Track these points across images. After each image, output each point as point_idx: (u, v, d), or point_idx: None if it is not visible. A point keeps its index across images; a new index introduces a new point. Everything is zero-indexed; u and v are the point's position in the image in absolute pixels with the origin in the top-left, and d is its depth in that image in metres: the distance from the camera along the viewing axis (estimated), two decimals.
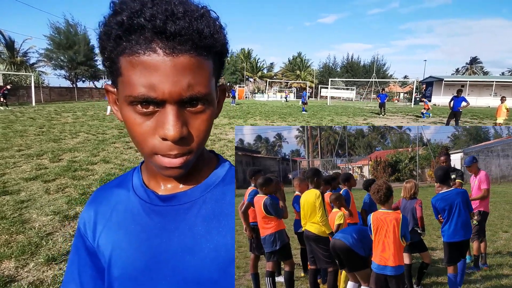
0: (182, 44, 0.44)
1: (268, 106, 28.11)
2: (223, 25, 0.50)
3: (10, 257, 2.96)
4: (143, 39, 0.43)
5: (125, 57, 0.45)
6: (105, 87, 0.56)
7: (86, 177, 5.56)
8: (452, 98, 12.70)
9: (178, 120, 0.46)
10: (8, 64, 33.44)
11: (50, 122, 13.34)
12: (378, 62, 52.87)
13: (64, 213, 3.94)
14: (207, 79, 0.48)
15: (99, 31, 0.48)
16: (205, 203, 0.58)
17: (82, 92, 34.95)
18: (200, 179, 0.60)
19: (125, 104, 0.48)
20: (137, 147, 0.51)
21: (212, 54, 0.48)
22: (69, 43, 33.26)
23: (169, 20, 0.43)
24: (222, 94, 0.60)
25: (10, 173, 5.63)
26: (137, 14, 0.43)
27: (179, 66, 0.44)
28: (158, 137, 0.48)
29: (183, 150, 0.49)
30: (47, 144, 8.43)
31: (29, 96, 25.29)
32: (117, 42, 0.45)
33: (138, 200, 0.60)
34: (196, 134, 0.50)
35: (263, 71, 60.08)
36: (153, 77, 0.43)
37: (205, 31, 0.45)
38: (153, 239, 0.56)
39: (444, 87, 36.80)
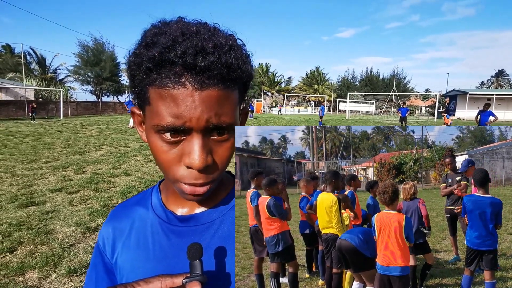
0: (210, 79, 0.45)
1: (285, 120, 28.12)
2: (249, 54, 0.52)
3: (34, 268, 3.04)
4: (173, 74, 0.44)
5: (155, 88, 0.46)
6: (132, 109, 0.58)
7: (108, 189, 5.70)
8: (479, 113, 12.21)
9: (203, 149, 0.47)
10: (40, 80, 35.52)
11: (76, 135, 13.92)
12: (398, 76, 52.11)
13: (86, 225, 4.03)
14: (233, 109, 0.49)
15: (129, 59, 0.49)
16: (222, 224, 0.59)
17: (106, 106, 36.39)
18: (217, 201, 0.61)
19: (152, 132, 0.49)
20: (162, 171, 0.53)
21: (238, 84, 0.50)
22: (96, 60, 35.04)
23: (199, 55, 0.44)
24: (244, 117, 0.61)
25: (37, 184, 5.87)
26: (169, 50, 0.44)
27: (207, 98, 0.45)
28: (183, 165, 0.49)
29: (207, 179, 0.50)
30: (73, 157, 8.76)
31: (58, 110, 26.62)
32: (147, 74, 0.46)
33: (157, 220, 0.61)
34: (220, 161, 0.51)
35: (281, 85, 60.52)
36: (181, 108, 0.45)
37: (233, 64, 0.46)
38: (171, 259, 0.57)
39: (469, 100, 35.62)
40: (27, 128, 16.25)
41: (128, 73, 0.50)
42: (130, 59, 0.49)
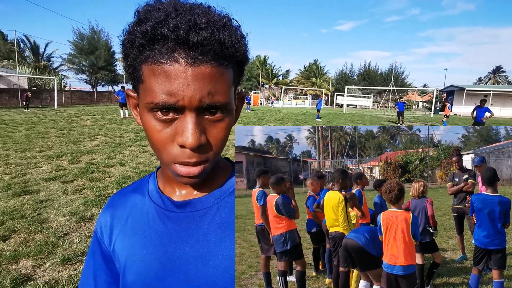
0: (203, 54, 0.44)
1: (283, 112, 28.08)
2: (244, 34, 0.51)
3: (28, 256, 3.01)
4: (166, 49, 0.44)
5: (148, 65, 0.46)
6: (126, 91, 0.57)
7: (103, 179, 5.66)
8: (475, 108, 12.25)
9: (197, 128, 0.46)
10: (33, 68, 34.95)
11: (70, 124, 13.77)
12: (396, 70, 52.07)
13: (81, 214, 4.00)
14: (227, 88, 0.48)
15: (122, 38, 0.49)
16: (219, 210, 0.58)
17: (102, 96, 36.02)
18: (214, 186, 0.60)
19: (145, 111, 0.48)
20: (156, 153, 0.52)
21: (232, 63, 0.49)
22: (91, 49, 34.51)
23: (192, 30, 0.43)
24: (240, 102, 0.60)
25: (31, 173, 5.80)
26: (161, 24, 0.44)
27: (200, 75, 0.44)
28: (176, 144, 0.48)
29: (201, 158, 0.49)
30: (67, 146, 8.67)
31: (52, 99, 26.27)
32: (140, 51, 0.46)
33: (153, 206, 0.60)
34: (214, 142, 0.50)
35: (279, 78, 60.25)
36: (174, 84, 0.44)
37: (226, 41, 0.45)
38: (167, 246, 0.56)
39: (466, 96, 35.75)
40: (20, 117, 16.03)
41: (122, 52, 0.49)
42: (124, 37, 0.48)
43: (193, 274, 0.54)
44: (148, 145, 9.30)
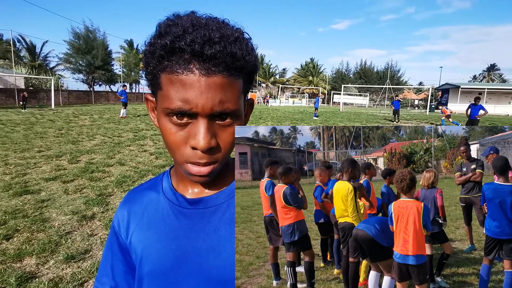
0: (216, 66, 0.49)
1: (280, 111, 28.14)
2: (254, 46, 0.56)
3: (31, 254, 3.08)
4: (183, 61, 0.49)
5: (166, 74, 0.51)
6: (145, 96, 0.63)
7: (103, 178, 5.71)
8: (470, 106, 12.41)
9: (208, 132, 0.51)
10: (29, 67, 34.73)
11: (68, 124, 13.76)
12: (392, 69, 52.28)
13: (82, 213, 4.06)
14: (236, 97, 0.53)
15: (144, 49, 0.55)
16: (229, 207, 0.63)
17: (99, 96, 35.85)
18: (224, 185, 0.65)
19: (162, 115, 0.54)
20: (170, 153, 0.57)
21: (242, 73, 0.54)
22: (88, 48, 34.33)
23: (206, 44, 0.49)
24: (250, 108, 0.66)
25: (31, 173, 5.84)
26: (179, 38, 0.49)
27: (212, 84, 0.49)
28: (189, 146, 0.53)
29: (211, 159, 0.54)
30: (66, 146, 8.69)
31: (49, 99, 26.14)
32: (160, 61, 0.51)
33: (167, 202, 0.65)
34: (223, 145, 0.55)
35: (276, 77, 60.25)
36: (189, 93, 0.49)
37: (237, 54, 0.50)
38: (181, 239, 0.61)
39: (461, 94, 36.01)
40: (18, 117, 15.98)
41: (143, 61, 0.55)
42: (146, 48, 0.54)
43: (204, 265, 0.59)
44: (147, 144, 9.34)
